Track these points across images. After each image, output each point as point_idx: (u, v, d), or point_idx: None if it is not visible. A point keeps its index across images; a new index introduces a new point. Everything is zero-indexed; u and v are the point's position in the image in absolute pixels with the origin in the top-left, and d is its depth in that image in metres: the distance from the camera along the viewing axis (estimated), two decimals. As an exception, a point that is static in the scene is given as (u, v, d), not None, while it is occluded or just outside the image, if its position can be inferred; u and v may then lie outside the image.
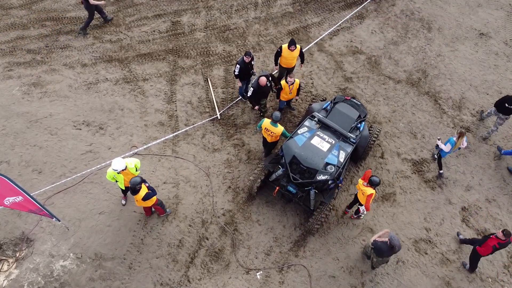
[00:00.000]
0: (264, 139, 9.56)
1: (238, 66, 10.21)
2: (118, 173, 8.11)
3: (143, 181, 8.01)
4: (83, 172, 9.82)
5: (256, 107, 10.37)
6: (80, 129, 10.62)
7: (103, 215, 9.26)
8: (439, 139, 9.82)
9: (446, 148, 9.59)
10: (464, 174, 10.50)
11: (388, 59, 12.60)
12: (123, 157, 9.16)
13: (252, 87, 9.85)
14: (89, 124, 10.72)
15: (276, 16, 13.52)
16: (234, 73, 10.44)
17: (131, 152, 10.19)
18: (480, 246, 8.42)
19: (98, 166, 9.91)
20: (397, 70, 12.38)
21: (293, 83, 9.86)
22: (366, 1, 13.92)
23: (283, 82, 9.99)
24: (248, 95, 10.04)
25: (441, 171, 10.29)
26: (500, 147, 10.92)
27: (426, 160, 10.68)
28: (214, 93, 11.52)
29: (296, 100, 10.74)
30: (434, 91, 11.97)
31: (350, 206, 9.47)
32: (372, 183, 8.21)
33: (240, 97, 11.38)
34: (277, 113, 9.03)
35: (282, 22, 13.36)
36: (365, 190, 8.28)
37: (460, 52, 12.87)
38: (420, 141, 11.02)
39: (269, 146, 9.77)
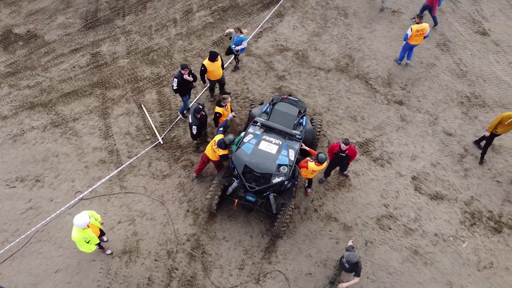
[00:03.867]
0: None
1: (175, 79, 10.02)
2: (84, 229, 7.39)
3: None
4: (28, 232, 9.07)
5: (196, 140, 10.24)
6: (15, 186, 9.82)
7: (59, 273, 8.61)
8: None
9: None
10: (407, 145, 11.01)
11: (315, 51, 12.92)
12: (69, 207, 8.58)
13: (193, 124, 9.66)
14: (23, 179, 9.94)
15: (197, 29, 13.39)
16: (172, 88, 10.20)
17: (77, 199, 9.58)
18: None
19: (43, 222, 9.20)
20: (325, 59, 12.73)
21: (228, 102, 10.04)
22: (282, 0, 14.21)
23: (221, 109, 9.94)
24: (193, 132, 9.82)
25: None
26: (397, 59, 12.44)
27: (370, 140, 11.06)
28: (151, 118, 11.16)
29: (234, 116, 10.53)
30: (363, 73, 12.44)
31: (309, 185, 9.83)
32: (321, 161, 8.63)
33: (180, 116, 11.12)
34: (231, 136, 8.92)
35: (204, 34, 13.26)
36: (316, 169, 8.73)
37: (378, 32, 13.50)
38: (360, 123, 11.39)
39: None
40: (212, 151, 9.17)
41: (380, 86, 12.17)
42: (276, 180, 8.62)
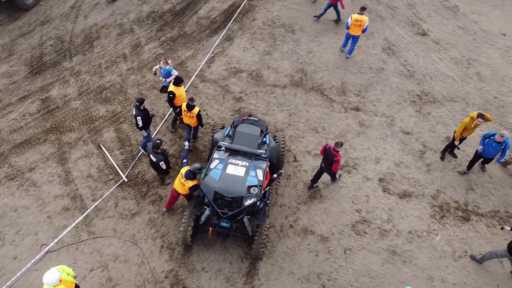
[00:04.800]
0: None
1: (139, 118, 9.87)
2: (55, 286, 6.90)
3: None
4: (-8, 297, 8.46)
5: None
6: (-28, 249, 9.18)
7: (32, 334, 8.05)
8: None
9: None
10: (370, 149, 11.29)
11: (268, 69, 13.13)
12: (35, 262, 8.09)
13: (159, 161, 9.48)
14: (-19, 241, 9.31)
15: (149, 62, 13.29)
16: (137, 126, 10.05)
17: (43, 252, 9.06)
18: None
19: (9, 283, 8.61)
20: (279, 76, 12.96)
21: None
22: (229, 23, 14.40)
23: (183, 104, 10.10)
24: (163, 168, 9.60)
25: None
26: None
27: (334, 148, 11.26)
28: (112, 157, 10.85)
29: (190, 147, 10.45)
30: (317, 85, 12.75)
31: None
32: None
33: (142, 151, 10.89)
34: (197, 165, 8.79)
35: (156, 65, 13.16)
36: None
37: (325, 43, 13.94)
38: (322, 133, 11.60)
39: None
40: (180, 184, 9.00)
41: (336, 95, 12.49)
42: (248, 202, 8.55)
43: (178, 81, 10.49)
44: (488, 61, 13.51)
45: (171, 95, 10.50)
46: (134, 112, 9.99)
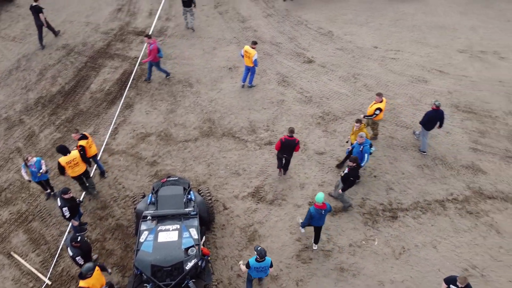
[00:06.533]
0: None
1: (65, 208, 9.26)
2: None
3: None
4: None
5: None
6: None
7: None
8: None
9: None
10: (292, 177, 11.62)
11: (175, 127, 13.08)
12: None
13: (75, 256, 8.72)
14: None
15: (48, 149, 12.44)
16: (65, 217, 9.40)
17: None
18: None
19: None
20: (188, 131, 12.96)
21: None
22: (125, 91, 14.19)
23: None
24: (81, 263, 8.78)
25: None
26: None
27: (259, 186, 11.41)
28: (27, 262, 9.74)
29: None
30: (227, 130, 12.97)
31: None
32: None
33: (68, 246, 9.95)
34: (90, 265, 8.06)
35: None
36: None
37: (224, 89, 14.37)
38: (244, 175, 11.71)
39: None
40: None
41: (247, 135, 12.80)
42: (189, 265, 8.19)
43: (61, 150, 10.21)
44: (370, 73, 14.98)
45: (60, 167, 10.18)
46: (59, 203, 9.32)
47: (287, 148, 10.73)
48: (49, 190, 11.04)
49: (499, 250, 10.00)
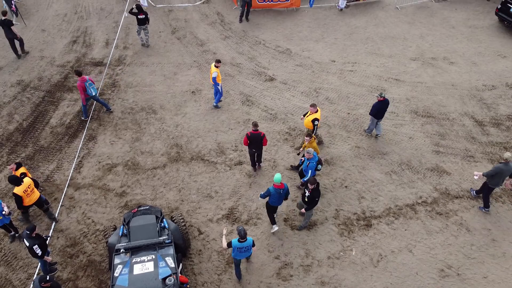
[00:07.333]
0: None
1: (35, 246, 8.88)
2: None
3: None
4: None
5: None
6: None
7: None
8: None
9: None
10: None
11: (142, 155, 12.82)
12: None
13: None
14: None
15: (8, 189, 11.83)
16: (37, 256, 8.99)
17: None
18: None
19: None
20: (156, 158, 12.73)
21: None
22: (87, 123, 13.83)
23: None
24: None
25: None
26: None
27: (233, 207, 11.31)
28: (-7, 312, 9.11)
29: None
30: (195, 153, 12.85)
31: None
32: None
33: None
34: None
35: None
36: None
37: (189, 113, 14.29)
38: (217, 197, 11.59)
39: None
40: None
41: (216, 157, 12.72)
42: (167, 295, 7.93)
43: (14, 180, 9.93)
44: (330, 86, 15.38)
45: (16, 198, 9.87)
46: (27, 244, 8.86)
47: (254, 142, 11.16)
48: (13, 232, 10.48)
49: (471, 248, 10.34)
